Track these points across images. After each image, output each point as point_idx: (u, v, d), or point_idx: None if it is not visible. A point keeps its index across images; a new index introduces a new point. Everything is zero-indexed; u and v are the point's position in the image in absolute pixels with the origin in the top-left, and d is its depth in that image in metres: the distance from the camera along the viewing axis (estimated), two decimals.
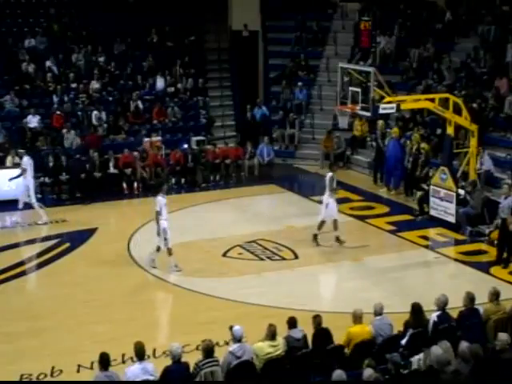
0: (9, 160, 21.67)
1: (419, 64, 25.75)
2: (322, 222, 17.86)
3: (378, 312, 11.18)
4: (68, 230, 19.25)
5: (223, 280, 16.16)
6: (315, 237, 17.83)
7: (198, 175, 23.20)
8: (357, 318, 10.98)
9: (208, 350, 9.98)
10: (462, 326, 10.90)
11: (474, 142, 19.56)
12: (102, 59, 26.46)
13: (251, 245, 17.86)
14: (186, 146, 23.94)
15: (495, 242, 17.21)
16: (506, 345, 9.46)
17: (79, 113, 24.63)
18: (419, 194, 20.27)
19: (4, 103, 24.23)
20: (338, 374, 8.95)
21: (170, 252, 16.22)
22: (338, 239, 17.83)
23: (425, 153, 20.99)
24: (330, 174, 17.96)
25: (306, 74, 27.86)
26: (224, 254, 17.33)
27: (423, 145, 21.35)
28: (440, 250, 17.77)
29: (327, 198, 17.78)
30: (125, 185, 22.28)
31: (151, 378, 9.86)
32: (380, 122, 22.96)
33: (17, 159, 21.73)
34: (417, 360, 9.73)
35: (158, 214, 16.09)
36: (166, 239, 16.10)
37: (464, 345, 9.26)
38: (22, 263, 16.82)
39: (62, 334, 13.47)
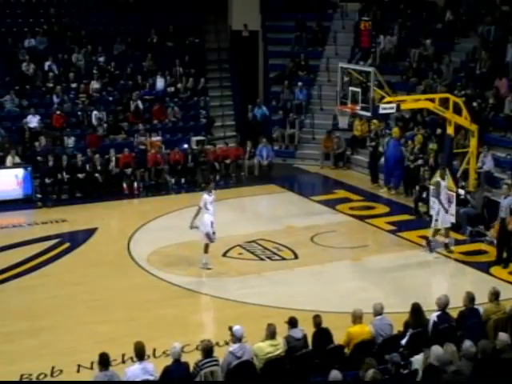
0: (9, 160, 21.67)
1: (419, 64, 25.76)
2: (437, 231, 17.49)
3: (378, 312, 11.17)
4: (68, 230, 19.29)
5: (223, 280, 16.17)
6: (429, 243, 17.49)
7: (198, 175, 23.21)
8: (356, 318, 10.97)
9: (207, 350, 9.97)
10: (462, 326, 10.90)
11: (474, 142, 19.57)
12: (101, 59, 26.45)
13: (251, 245, 17.86)
14: (186, 145, 23.95)
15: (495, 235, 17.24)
16: (506, 345, 9.46)
17: (79, 113, 24.63)
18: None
19: (4, 103, 24.21)
20: (334, 374, 8.95)
21: (206, 249, 16.28)
22: (446, 246, 17.49)
23: (433, 153, 20.90)
24: (437, 180, 17.50)
25: (306, 74, 27.87)
26: (224, 254, 17.32)
27: (431, 145, 21.30)
28: (440, 249, 17.76)
29: (437, 206, 17.31)
30: (125, 185, 22.30)
31: (151, 378, 9.86)
32: (374, 122, 22.94)
33: (17, 159, 21.77)
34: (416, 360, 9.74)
35: (200, 209, 16.12)
36: (209, 234, 16.18)
37: (468, 344, 9.23)
38: (22, 263, 16.80)
39: (62, 334, 13.47)
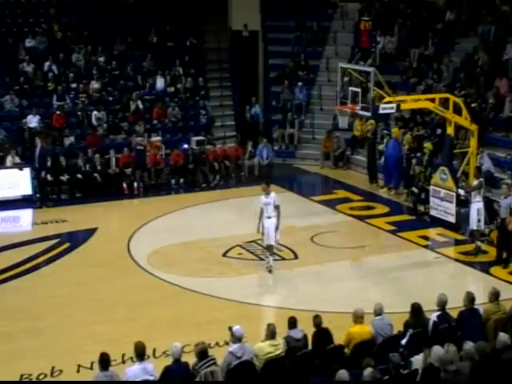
0: (9, 160, 21.67)
1: (419, 64, 25.76)
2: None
3: (378, 312, 11.18)
4: (68, 230, 19.26)
5: (223, 280, 16.16)
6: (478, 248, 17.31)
7: (198, 175, 23.21)
8: (357, 318, 10.97)
9: (202, 353, 9.95)
10: (462, 326, 10.91)
11: (474, 142, 19.56)
12: (101, 59, 26.46)
13: (251, 245, 17.83)
14: (186, 145, 23.95)
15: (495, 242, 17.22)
16: (505, 345, 9.45)
17: (79, 113, 24.63)
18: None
19: (4, 103, 24.23)
20: (342, 374, 8.94)
21: (270, 250, 16.28)
22: (477, 248, 17.33)
23: (428, 153, 20.90)
24: (481, 180, 17.33)
25: (306, 74, 27.88)
26: (224, 254, 17.32)
27: (426, 144, 21.30)
28: (440, 250, 17.76)
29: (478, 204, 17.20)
30: (125, 185, 22.29)
31: (151, 378, 9.86)
32: (369, 122, 22.92)
33: (17, 159, 21.76)
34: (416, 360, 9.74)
35: (262, 212, 16.04)
36: (263, 234, 16.16)
37: (469, 345, 9.23)
38: (22, 263, 16.79)
39: (62, 334, 13.47)
